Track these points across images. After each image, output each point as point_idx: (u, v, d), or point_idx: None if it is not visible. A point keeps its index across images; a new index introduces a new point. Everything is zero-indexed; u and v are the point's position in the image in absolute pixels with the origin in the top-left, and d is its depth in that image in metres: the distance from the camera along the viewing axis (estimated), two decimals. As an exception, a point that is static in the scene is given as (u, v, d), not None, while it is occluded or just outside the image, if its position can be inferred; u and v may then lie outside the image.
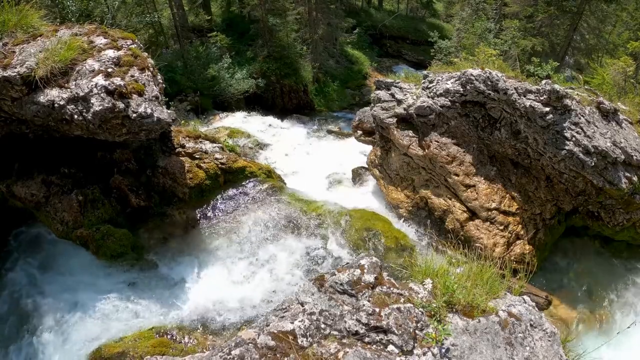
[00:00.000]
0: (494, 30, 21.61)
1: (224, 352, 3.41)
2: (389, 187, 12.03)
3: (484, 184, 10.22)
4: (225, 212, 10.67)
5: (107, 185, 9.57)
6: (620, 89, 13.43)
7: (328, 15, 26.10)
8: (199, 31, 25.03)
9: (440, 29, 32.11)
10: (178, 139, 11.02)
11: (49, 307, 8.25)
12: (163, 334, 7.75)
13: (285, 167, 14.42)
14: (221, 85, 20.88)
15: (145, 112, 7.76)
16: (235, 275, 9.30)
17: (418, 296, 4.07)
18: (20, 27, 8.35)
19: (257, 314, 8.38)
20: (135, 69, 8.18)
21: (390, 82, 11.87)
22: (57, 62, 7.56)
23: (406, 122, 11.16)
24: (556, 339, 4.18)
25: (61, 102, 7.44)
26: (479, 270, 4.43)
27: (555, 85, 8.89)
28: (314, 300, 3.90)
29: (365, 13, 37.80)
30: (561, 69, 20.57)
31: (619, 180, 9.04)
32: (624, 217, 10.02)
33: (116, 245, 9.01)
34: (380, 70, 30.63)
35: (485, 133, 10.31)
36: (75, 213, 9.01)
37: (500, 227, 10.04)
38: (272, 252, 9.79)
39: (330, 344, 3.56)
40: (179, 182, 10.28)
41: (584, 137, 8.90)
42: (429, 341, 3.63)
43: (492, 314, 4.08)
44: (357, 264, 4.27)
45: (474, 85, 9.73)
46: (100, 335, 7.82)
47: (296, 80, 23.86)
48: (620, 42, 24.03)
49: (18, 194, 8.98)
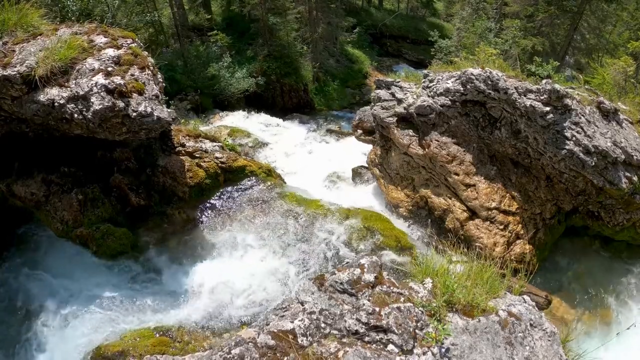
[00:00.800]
0: (494, 30, 21.58)
1: (224, 351, 3.41)
2: (389, 186, 12.03)
3: (484, 183, 10.21)
4: (225, 211, 10.67)
5: (107, 184, 9.56)
6: (621, 88, 13.42)
7: (328, 15, 26.08)
8: (199, 30, 25.04)
9: (441, 29, 32.07)
10: (178, 138, 11.02)
11: (48, 307, 8.25)
12: (163, 333, 7.74)
13: (285, 166, 14.41)
14: (221, 84, 20.86)
15: (145, 111, 7.76)
16: (235, 273, 9.30)
17: (418, 295, 4.07)
18: (21, 26, 8.35)
19: (258, 313, 8.38)
20: (135, 68, 8.18)
21: (390, 81, 11.86)
22: (57, 61, 7.55)
23: (406, 122, 11.16)
24: (556, 339, 4.18)
25: (61, 101, 7.44)
26: (479, 270, 4.43)
27: (555, 84, 8.89)
28: (313, 299, 3.90)
29: (366, 12, 37.76)
30: (561, 69, 20.56)
31: (619, 180, 9.04)
32: (624, 217, 10.02)
33: (116, 245, 9.01)
34: (380, 70, 30.61)
35: (485, 132, 10.31)
36: (75, 212, 9.01)
37: (500, 227, 10.04)
38: (271, 251, 9.79)
39: (330, 343, 3.56)
40: (179, 181, 10.28)
41: (584, 136, 8.90)
42: (429, 341, 3.63)
43: (492, 314, 4.08)
44: (357, 263, 4.27)
45: (475, 84, 9.72)
46: (100, 334, 7.81)
47: (296, 79, 23.85)
48: (620, 41, 24.03)
49: (18, 193, 8.97)
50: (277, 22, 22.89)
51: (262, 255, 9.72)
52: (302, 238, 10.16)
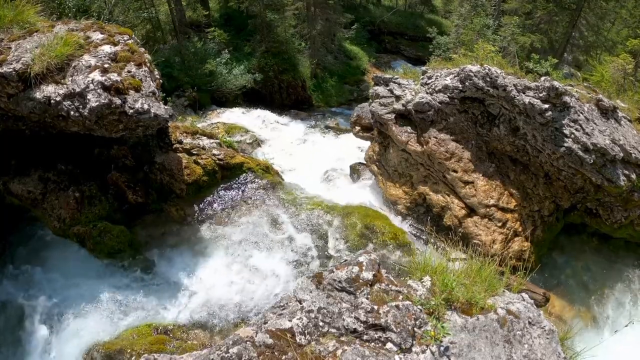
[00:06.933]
0: (492, 27, 21.55)
1: (222, 350, 3.39)
2: (387, 183, 12.01)
3: (483, 180, 10.21)
4: (222, 208, 10.64)
5: (104, 181, 9.52)
6: (620, 86, 13.41)
7: (326, 11, 25.98)
8: (196, 26, 24.89)
9: (439, 25, 31.99)
10: (175, 135, 10.97)
11: (45, 305, 8.22)
12: (161, 331, 7.73)
13: (283, 163, 14.38)
14: (219, 80, 20.77)
15: (142, 108, 7.71)
16: (233, 271, 9.28)
17: (417, 293, 4.05)
18: (17, 23, 8.28)
19: (256, 311, 8.37)
20: (132, 65, 8.12)
21: (388, 77, 11.82)
22: (53, 58, 7.49)
23: (405, 118, 11.13)
24: (554, 337, 4.17)
25: (57, 98, 7.39)
26: (477, 268, 4.41)
27: (554, 82, 8.87)
28: (312, 297, 3.88)
29: (364, 8, 37.68)
30: (560, 66, 20.54)
31: (617, 178, 9.04)
32: (622, 215, 10.02)
33: (113, 242, 8.97)
34: (378, 66, 30.54)
35: (484, 129, 10.29)
36: (72, 210, 8.97)
37: (498, 224, 10.03)
38: (269, 248, 9.77)
39: (328, 342, 3.54)
40: (176, 178, 10.24)
41: (583, 134, 8.89)
42: (427, 339, 3.62)
43: (491, 312, 4.07)
44: (355, 261, 4.25)
45: (473, 81, 9.69)
46: (98, 332, 7.80)
47: (294, 75, 23.79)
48: (619, 39, 24.00)
49: (15, 191, 8.93)
50: (275, 18, 22.80)
51: (260, 252, 9.70)
52: (299, 235, 10.14)
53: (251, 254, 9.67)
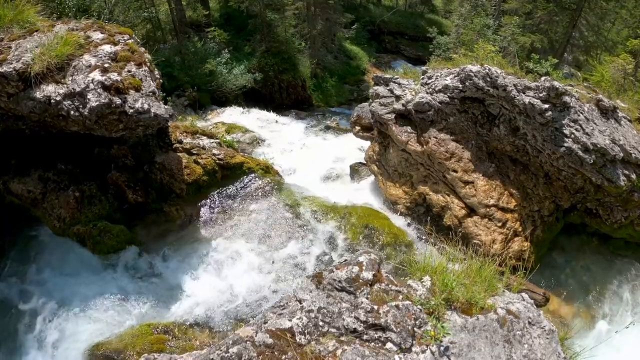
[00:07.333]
0: (493, 27, 21.55)
1: (222, 350, 3.39)
2: (387, 183, 12.01)
3: (483, 180, 10.20)
4: (222, 207, 10.64)
5: (104, 181, 9.52)
6: (620, 86, 13.41)
7: (326, 11, 25.98)
8: (196, 26, 24.90)
9: (439, 25, 31.99)
10: (175, 135, 10.98)
11: (46, 304, 8.21)
12: (161, 331, 7.72)
13: (283, 163, 14.37)
14: (219, 80, 20.75)
15: (142, 107, 7.71)
16: (233, 270, 9.28)
17: (416, 293, 4.05)
18: (17, 23, 8.29)
19: (256, 310, 8.37)
20: (132, 64, 8.13)
21: (388, 77, 11.82)
22: (53, 58, 7.50)
23: (405, 118, 11.13)
24: (554, 337, 4.17)
25: (57, 97, 7.39)
26: (477, 268, 4.41)
27: (554, 82, 8.87)
28: (312, 297, 3.88)
29: (364, 8, 37.67)
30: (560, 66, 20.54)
31: (617, 178, 9.04)
32: (622, 215, 10.02)
33: (113, 242, 8.98)
34: (378, 66, 30.55)
35: (484, 129, 10.29)
36: (72, 209, 8.98)
37: (498, 224, 10.03)
38: (269, 248, 9.77)
39: (328, 342, 3.54)
40: (176, 178, 10.24)
41: (583, 134, 8.89)
42: (427, 339, 3.62)
43: (491, 312, 4.07)
44: (355, 260, 4.25)
45: (473, 81, 9.69)
46: (98, 332, 7.79)
47: (294, 75, 23.78)
48: (619, 39, 23.99)
49: (15, 190, 8.93)
50: (275, 18, 22.79)
51: (260, 252, 9.70)
52: (299, 235, 10.14)
53: (251, 253, 9.66)
